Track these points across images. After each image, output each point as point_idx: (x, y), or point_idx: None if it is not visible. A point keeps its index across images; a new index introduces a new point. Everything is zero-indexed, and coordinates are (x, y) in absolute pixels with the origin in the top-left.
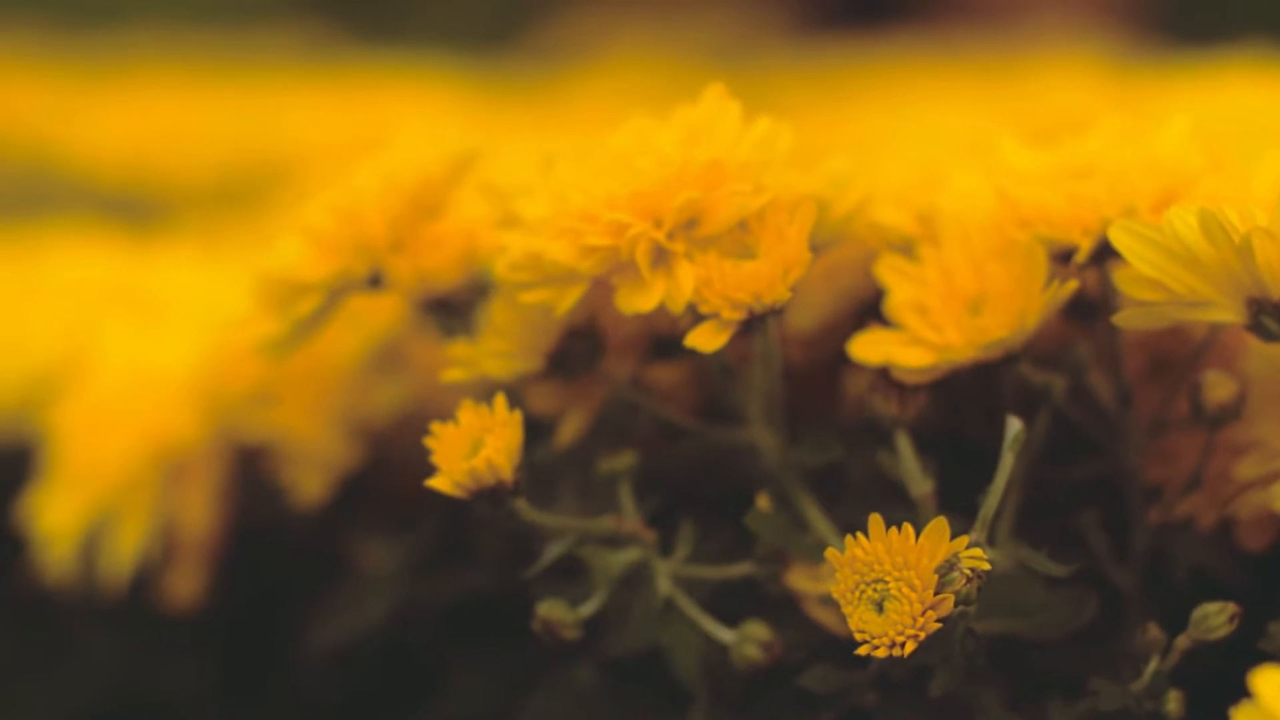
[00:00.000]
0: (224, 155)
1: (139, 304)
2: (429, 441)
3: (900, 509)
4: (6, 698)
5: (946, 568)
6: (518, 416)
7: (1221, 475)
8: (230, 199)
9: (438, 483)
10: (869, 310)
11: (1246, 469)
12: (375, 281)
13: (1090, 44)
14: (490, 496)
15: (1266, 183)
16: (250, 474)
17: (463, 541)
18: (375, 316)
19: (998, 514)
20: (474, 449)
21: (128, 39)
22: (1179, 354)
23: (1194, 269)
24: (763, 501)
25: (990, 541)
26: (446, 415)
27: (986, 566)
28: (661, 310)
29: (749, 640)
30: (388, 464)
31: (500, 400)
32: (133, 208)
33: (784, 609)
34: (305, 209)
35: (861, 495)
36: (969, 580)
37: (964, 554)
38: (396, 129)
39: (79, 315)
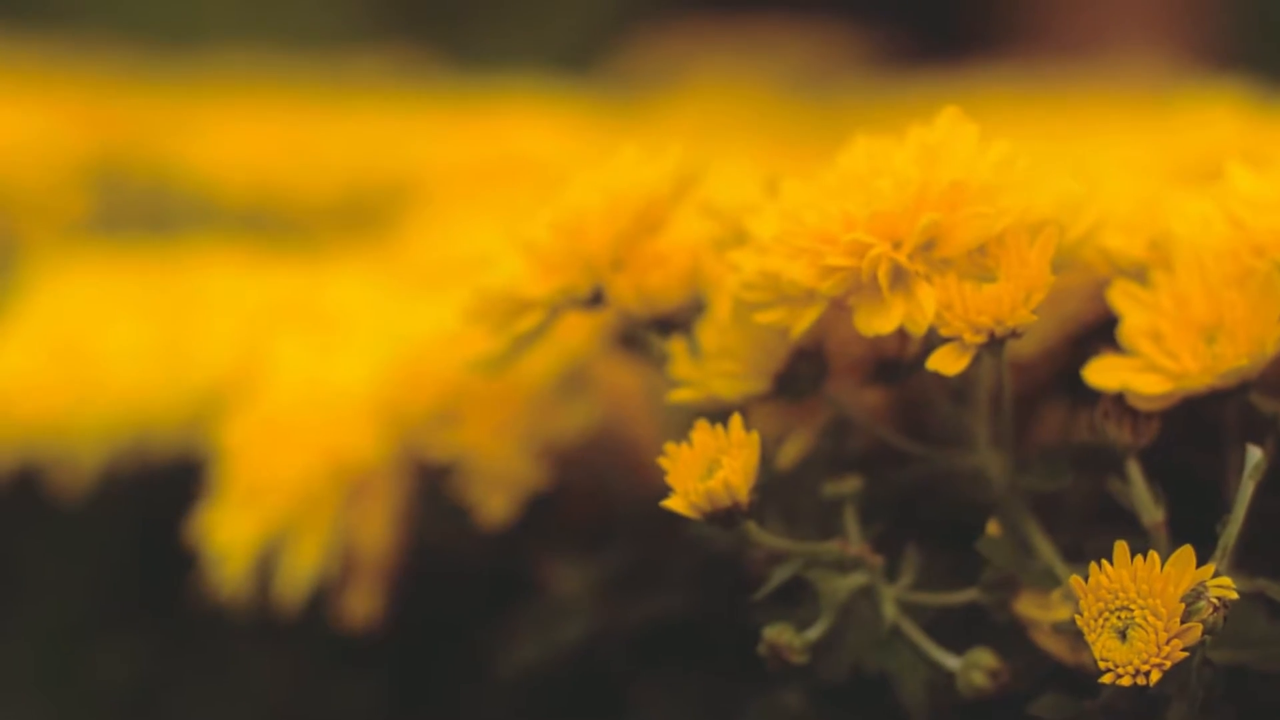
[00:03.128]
0: (345, 175)
1: (308, 319)
2: (662, 462)
3: (1120, 536)
4: (175, 718)
5: (1193, 596)
6: (755, 438)
7: None
8: (355, 218)
9: (673, 503)
10: (1086, 337)
11: None
12: (597, 299)
13: (1214, 81)
14: (725, 518)
15: None
16: (433, 493)
17: (654, 564)
18: (566, 338)
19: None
20: (709, 470)
21: (222, 60)
22: None
23: None
24: (994, 528)
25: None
26: (635, 439)
27: (1234, 596)
28: (893, 332)
29: (976, 667)
30: (572, 485)
31: (737, 421)
32: (261, 225)
33: (1007, 637)
34: (525, 226)
35: (1080, 522)
36: (1215, 610)
37: (1211, 583)
38: (513, 148)
39: (246, 330)
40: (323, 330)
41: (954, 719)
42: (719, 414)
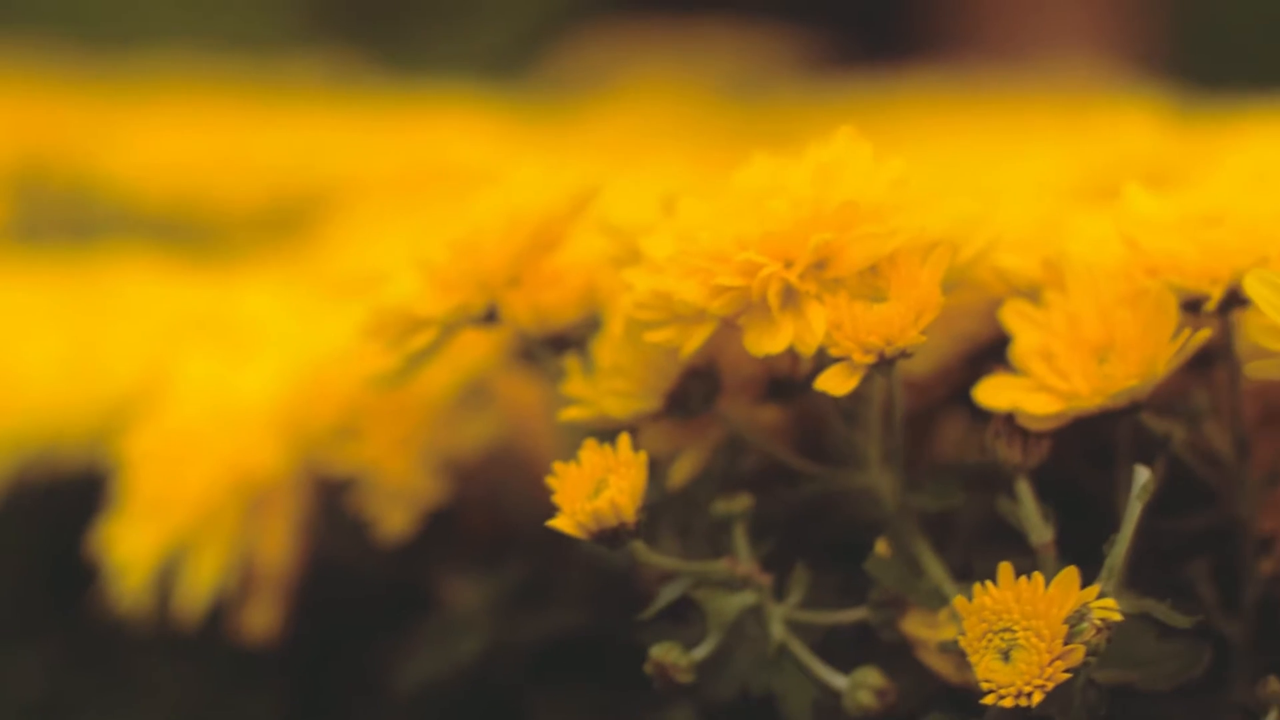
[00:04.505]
0: (270, 181)
1: (217, 331)
2: (550, 481)
3: (1010, 556)
4: None
5: (1077, 618)
6: (642, 457)
7: None
8: (276, 226)
9: (559, 523)
10: (981, 356)
11: None
12: (491, 317)
13: (1135, 86)
14: (611, 538)
15: None
16: (333, 507)
17: (551, 580)
18: (467, 352)
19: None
20: (597, 490)
21: (153, 62)
22: None
23: None
24: (882, 547)
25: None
26: (535, 453)
27: (1118, 617)
28: (784, 352)
29: (863, 687)
30: (472, 500)
31: (624, 440)
32: (180, 232)
33: (895, 656)
34: (422, 244)
35: (969, 541)
36: (1099, 631)
37: (1094, 604)
38: (438, 156)
39: (156, 341)
40: (231, 342)
41: None
42: (615, 432)
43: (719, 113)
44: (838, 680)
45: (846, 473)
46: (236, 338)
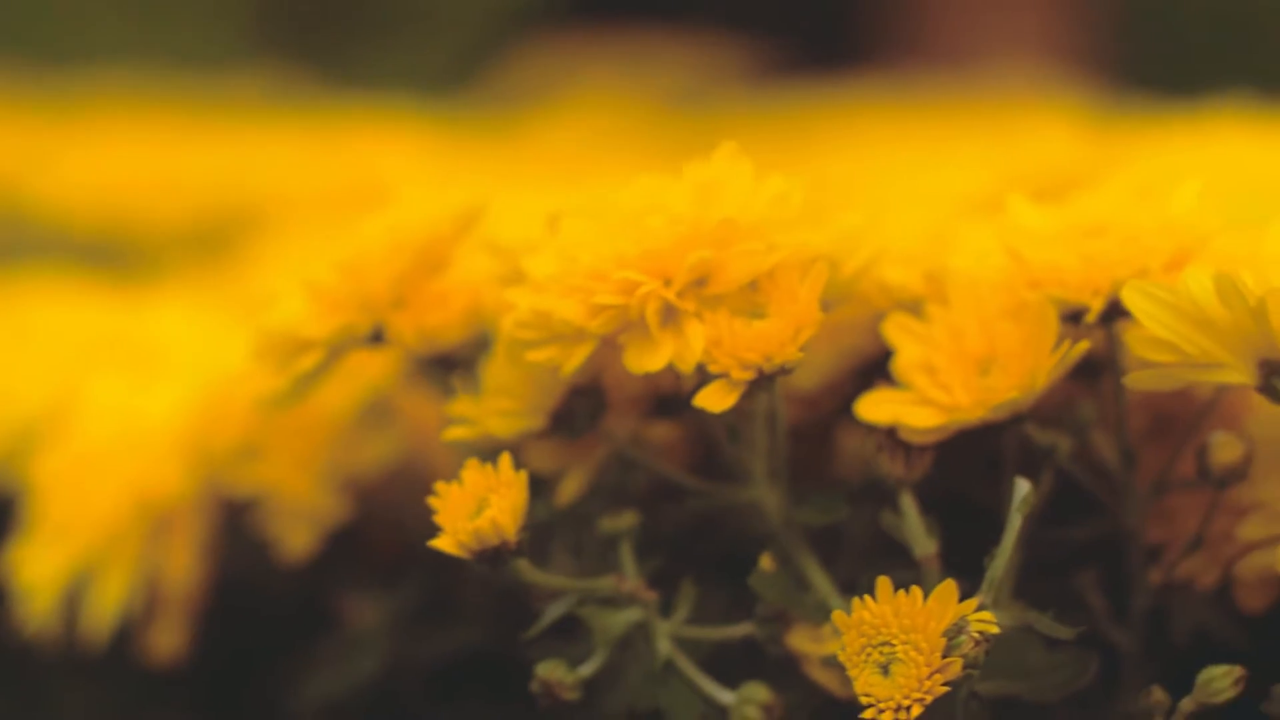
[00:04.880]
0: (197, 200)
1: (127, 353)
2: (433, 501)
3: (900, 569)
4: None
5: (954, 631)
6: (523, 477)
7: (1224, 536)
8: (205, 245)
9: (441, 543)
10: (871, 370)
11: (1250, 530)
12: (377, 338)
13: (1059, 91)
14: (493, 557)
15: (1278, 243)
16: (236, 528)
17: (452, 597)
18: (366, 371)
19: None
20: (478, 509)
21: (91, 82)
22: (1182, 414)
23: (1207, 331)
24: (766, 562)
25: (993, 603)
26: (437, 471)
27: (995, 630)
28: (667, 369)
29: (749, 702)
30: (376, 518)
31: (505, 460)
32: (107, 254)
33: (784, 670)
34: (309, 265)
35: (860, 555)
36: (977, 644)
37: (972, 617)
38: (368, 173)
39: (66, 364)
40: (140, 364)
41: None
42: (510, 449)
43: (665, 123)
44: (724, 696)
45: (732, 488)
46: (145, 360)
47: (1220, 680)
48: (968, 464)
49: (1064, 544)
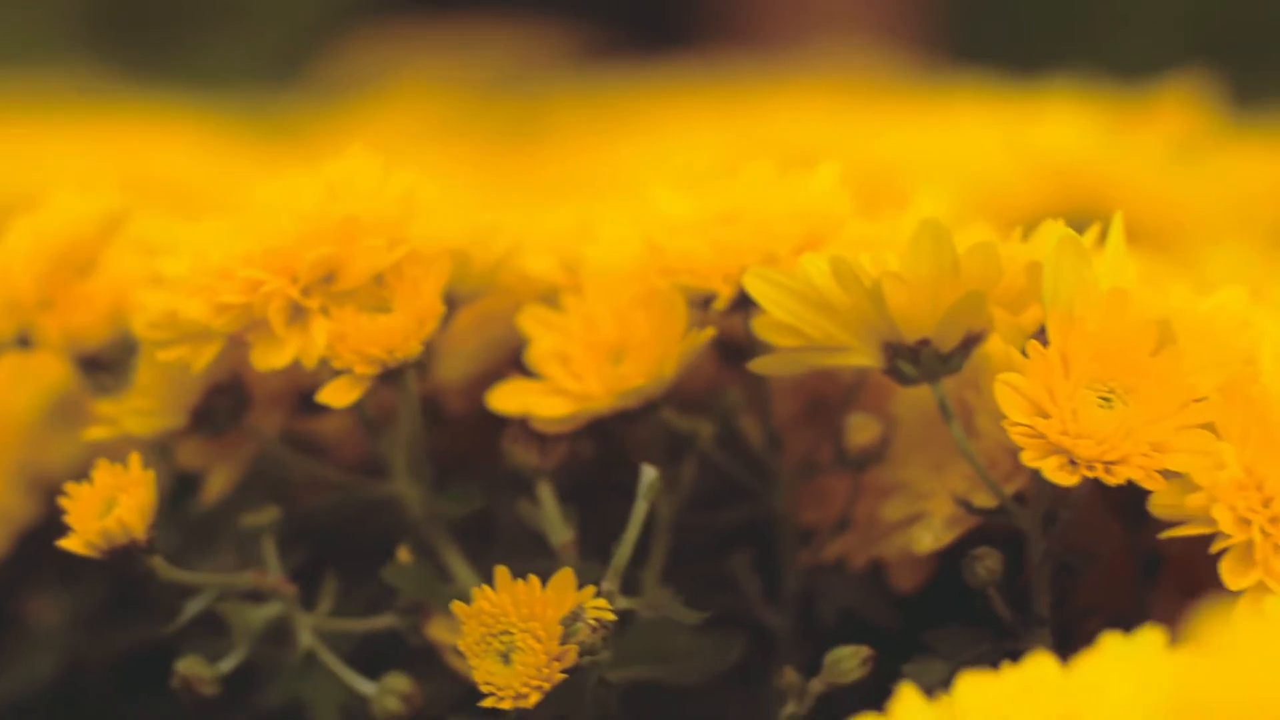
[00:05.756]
0: None
1: None
2: (63, 502)
3: (549, 559)
4: None
5: (571, 619)
6: (151, 475)
7: (870, 517)
8: None
9: (70, 543)
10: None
11: (892, 511)
12: (24, 341)
13: (878, 69)
14: (124, 556)
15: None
16: None
17: (134, 592)
18: (49, 371)
19: (645, 561)
20: (108, 508)
21: None
22: (833, 397)
23: (829, 314)
24: (403, 554)
25: (636, 589)
26: None
27: (611, 617)
28: (307, 366)
29: (389, 692)
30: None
31: (135, 459)
32: None
33: (430, 660)
34: None
35: (513, 545)
36: (594, 630)
37: (589, 604)
38: (153, 168)
39: None
40: None
41: None
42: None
43: (490, 109)
44: (365, 686)
45: (372, 481)
46: None
47: (848, 661)
48: (624, 452)
49: (720, 528)
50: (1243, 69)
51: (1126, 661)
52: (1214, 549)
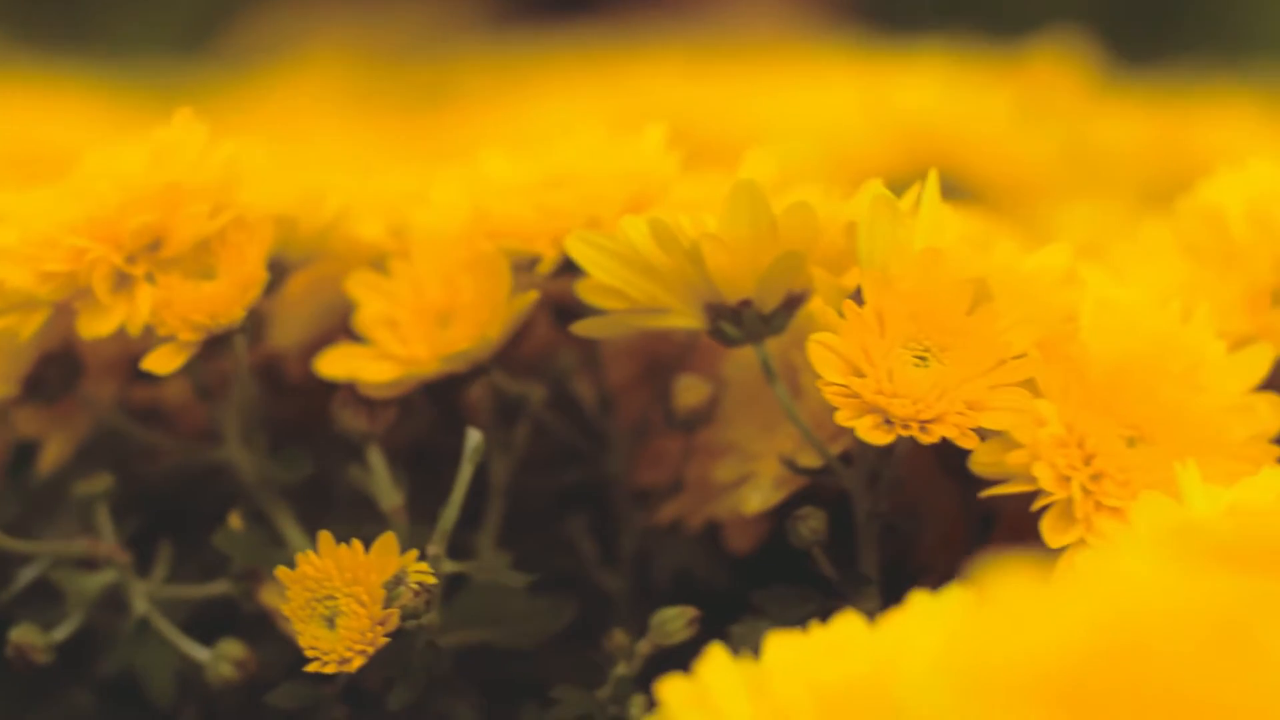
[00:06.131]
0: None
1: None
2: None
3: (383, 523)
4: None
5: (394, 582)
6: None
7: (704, 479)
8: None
9: None
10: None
11: (723, 472)
12: None
13: (756, 32)
14: None
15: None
16: None
17: None
18: None
19: (482, 525)
20: None
21: None
22: (670, 359)
23: (651, 276)
24: (234, 520)
25: (473, 553)
26: None
27: (433, 580)
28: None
29: (223, 659)
30: None
31: None
32: None
33: (265, 626)
34: None
35: (349, 511)
36: (417, 594)
37: (412, 568)
38: (39, 136)
39: None
40: None
41: (213, 710)
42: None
43: (399, 75)
44: (200, 653)
45: (207, 448)
46: None
47: (673, 622)
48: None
49: (558, 491)
50: (1145, 29)
51: (933, 619)
52: (1035, 507)
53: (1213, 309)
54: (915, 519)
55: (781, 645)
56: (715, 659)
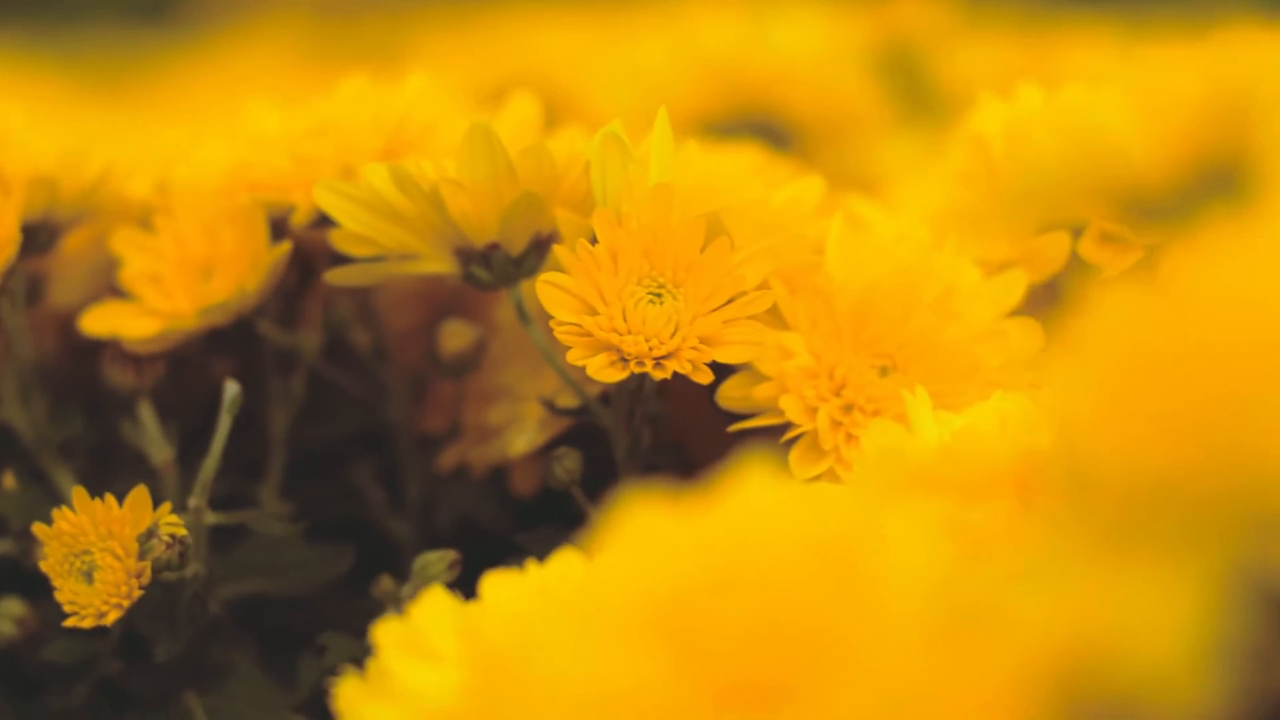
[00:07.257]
0: None
1: None
2: None
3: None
4: None
5: (147, 535)
6: None
7: (480, 423)
8: None
9: None
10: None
11: (495, 415)
12: None
13: None
14: None
15: (506, 128)
16: None
17: None
18: None
19: (261, 474)
20: None
21: None
22: (450, 305)
23: (398, 222)
24: (8, 479)
25: (253, 503)
26: None
27: (183, 532)
28: None
29: (4, 617)
30: None
31: None
32: None
33: (46, 584)
34: None
35: (133, 467)
36: (169, 546)
37: (163, 521)
38: None
39: None
40: None
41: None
42: None
43: (353, 31)
44: None
45: None
46: None
47: (434, 565)
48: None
49: (350, 440)
50: None
51: (643, 551)
52: (784, 440)
53: (976, 236)
54: (682, 456)
55: (497, 585)
56: (431, 601)
